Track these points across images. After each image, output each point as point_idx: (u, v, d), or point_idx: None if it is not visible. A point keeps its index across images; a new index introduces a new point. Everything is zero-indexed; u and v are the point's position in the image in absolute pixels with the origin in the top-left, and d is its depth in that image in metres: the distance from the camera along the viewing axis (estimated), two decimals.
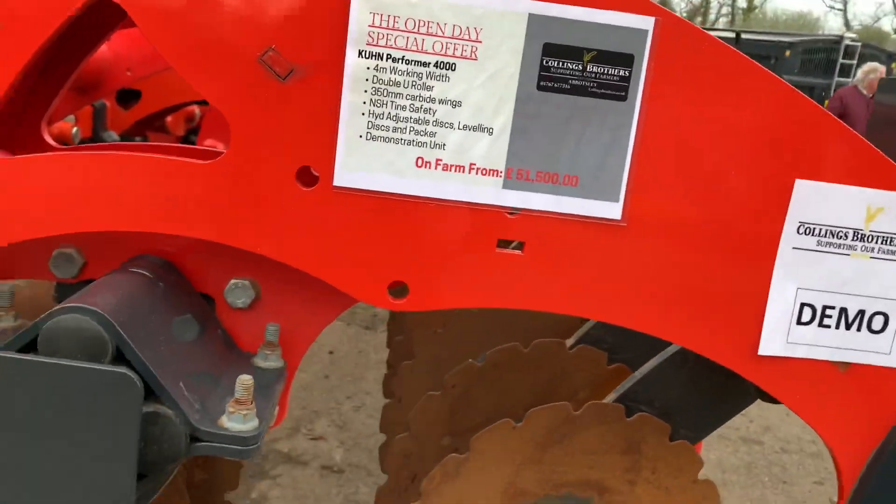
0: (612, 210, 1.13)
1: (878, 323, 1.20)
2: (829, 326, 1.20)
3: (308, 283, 1.20)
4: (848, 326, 1.20)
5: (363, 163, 1.11)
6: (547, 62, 1.08)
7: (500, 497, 1.66)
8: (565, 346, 2.13)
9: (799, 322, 1.19)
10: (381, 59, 1.07)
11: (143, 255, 1.24)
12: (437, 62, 1.08)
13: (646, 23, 1.07)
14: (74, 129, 3.37)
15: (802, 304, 1.19)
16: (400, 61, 1.08)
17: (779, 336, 1.19)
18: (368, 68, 1.08)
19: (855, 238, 1.17)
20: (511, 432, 1.62)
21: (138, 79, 3.57)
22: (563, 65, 1.08)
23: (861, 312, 1.20)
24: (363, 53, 1.07)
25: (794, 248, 1.16)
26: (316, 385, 4.59)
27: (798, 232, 1.16)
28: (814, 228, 1.16)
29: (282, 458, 3.78)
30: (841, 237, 1.17)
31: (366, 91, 1.08)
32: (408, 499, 1.73)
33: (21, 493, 0.97)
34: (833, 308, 1.19)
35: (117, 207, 1.10)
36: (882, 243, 1.17)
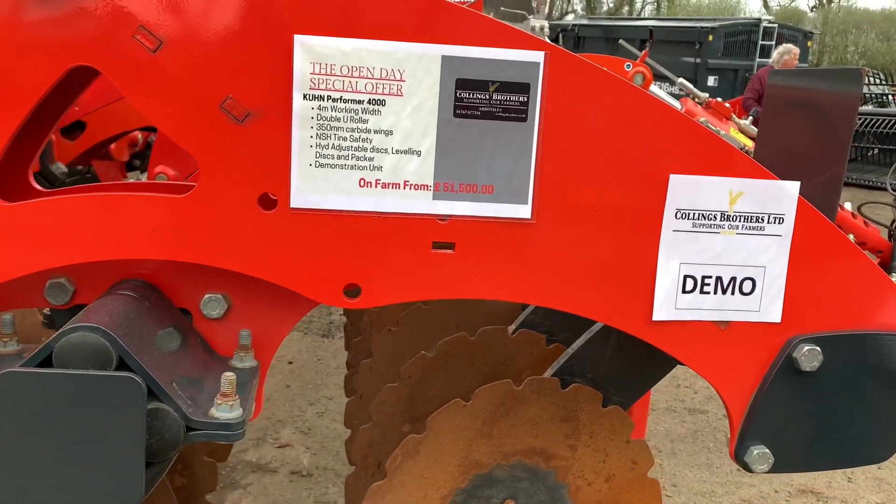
0: (522, 211, 1.36)
1: (747, 286, 1.45)
2: (708, 293, 1.44)
3: (274, 291, 1.39)
4: (724, 291, 1.45)
5: (314, 186, 1.31)
6: (460, 94, 1.31)
7: (457, 470, 1.79)
8: (507, 332, 2.32)
9: (683, 291, 1.43)
10: (323, 100, 1.28)
11: (127, 279, 1.42)
12: (369, 99, 1.30)
13: (537, 56, 1.30)
14: None
15: (685, 276, 1.43)
16: (339, 101, 1.29)
17: (668, 304, 1.43)
18: (312, 108, 1.28)
19: (722, 219, 1.42)
20: (461, 410, 1.76)
21: (85, 114, 3.68)
22: (473, 95, 1.31)
23: (733, 279, 1.44)
24: (307, 96, 1.28)
25: (674, 230, 1.40)
26: (278, 395, 4.68)
27: (676, 217, 1.40)
28: (688, 213, 1.40)
29: (251, 468, 3.86)
30: (711, 219, 1.41)
31: (312, 127, 1.29)
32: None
33: (48, 484, 1.15)
34: (710, 277, 1.44)
35: (108, 240, 1.28)
36: (745, 221, 1.42)
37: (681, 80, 5.86)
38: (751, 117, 5.77)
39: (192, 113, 1.26)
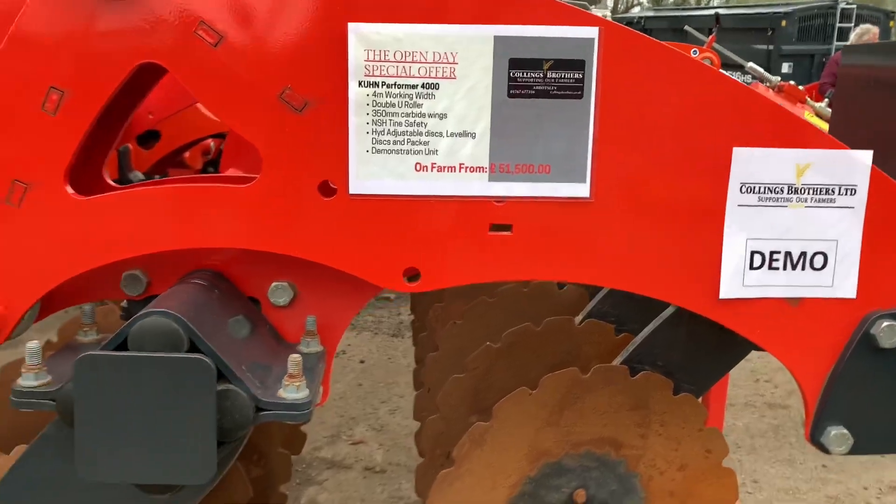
0: (580, 189, 1.35)
1: (818, 261, 1.40)
2: (777, 269, 1.39)
3: (338, 278, 1.41)
4: (794, 267, 1.40)
5: (372, 172, 1.33)
6: (513, 74, 1.30)
7: (524, 458, 1.79)
8: (574, 322, 2.30)
9: (751, 267, 1.39)
10: (378, 86, 1.30)
11: (198, 269, 1.47)
12: (423, 84, 1.31)
13: (591, 32, 1.29)
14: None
15: (753, 252, 1.39)
16: (393, 86, 1.31)
17: (735, 281, 1.39)
18: (368, 95, 1.31)
19: (790, 191, 1.37)
20: (528, 399, 1.76)
21: (158, 121, 3.84)
22: (526, 74, 1.30)
23: (803, 254, 1.39)
24: (362, 83, 1.30)
25: (739, 205, 1.37)
26: (351, 393, 4.76)
27: (741, 191, 1.36)
28: (754, 187, 1.36)
29: (326, 464, 3.93)
30: (778, 192, 1.37)
31: (367, 114, 1.31)
32: None
33: (126, 461, 1.21)
34: (779, 252, 1.39)
35: (179, 230, 1.34)
36: (814, 193, 1.37)
37: (750, 64, 5.69)
38: (826, 100, 5.55)
39: (252, 104, 1.29)
